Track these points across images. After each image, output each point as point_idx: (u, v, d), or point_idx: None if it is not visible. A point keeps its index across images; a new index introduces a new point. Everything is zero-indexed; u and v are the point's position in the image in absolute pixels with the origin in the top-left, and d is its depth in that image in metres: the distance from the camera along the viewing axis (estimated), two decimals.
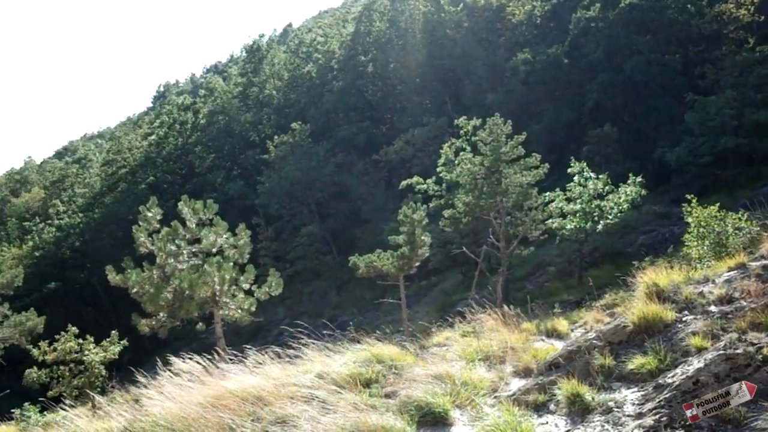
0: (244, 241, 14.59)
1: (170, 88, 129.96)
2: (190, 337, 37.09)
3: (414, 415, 5.52)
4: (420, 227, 19.15)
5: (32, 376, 17.28)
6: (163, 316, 13.98)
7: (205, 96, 72.35)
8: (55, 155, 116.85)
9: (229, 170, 55.73)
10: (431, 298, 31.95)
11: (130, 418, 6.72)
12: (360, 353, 7.28)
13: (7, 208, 78.07)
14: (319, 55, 62.39)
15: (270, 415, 5.69)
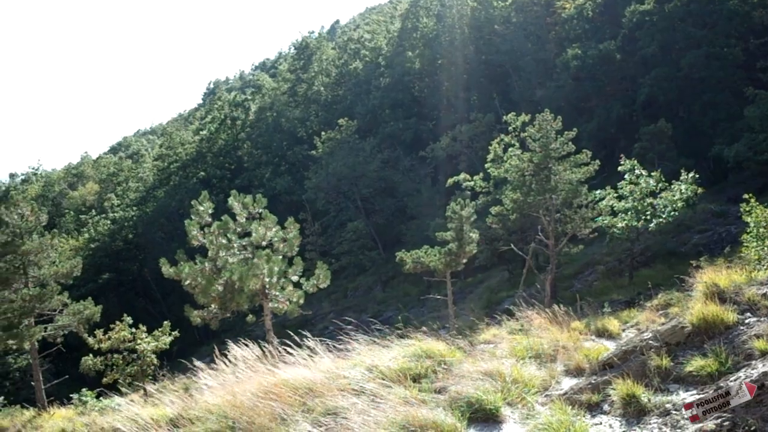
0: (294, 235, 14.75)
1: (220, 84, 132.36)
2: (236, 330, 37.69)
3: (465, 411, 5.49)
4: (468, 224, 19.03)
5: (88, 364, 17.83)
6: (215, 307, 14.26)
7: (254, 93, 73.43)
8: (110, 150, 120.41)
9: (276, 166, 56.44)
10: (476, 295, 31.72)
11: (182, 406, 6.90)
12: (409, 348, 7.28)
13: (65, 201, 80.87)
14: (366, 51, 62.57)
15: (321, 406, 5.74)
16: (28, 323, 17.24)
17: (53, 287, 17.64)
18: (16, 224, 17.19)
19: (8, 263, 17.15)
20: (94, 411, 15.51)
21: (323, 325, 34.94)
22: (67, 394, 19.40)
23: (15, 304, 16.87)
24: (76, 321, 17.93)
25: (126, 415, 6.84)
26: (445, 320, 20.82)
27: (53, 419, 15.29)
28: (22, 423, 15.62)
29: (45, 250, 17.53)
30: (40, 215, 18.11)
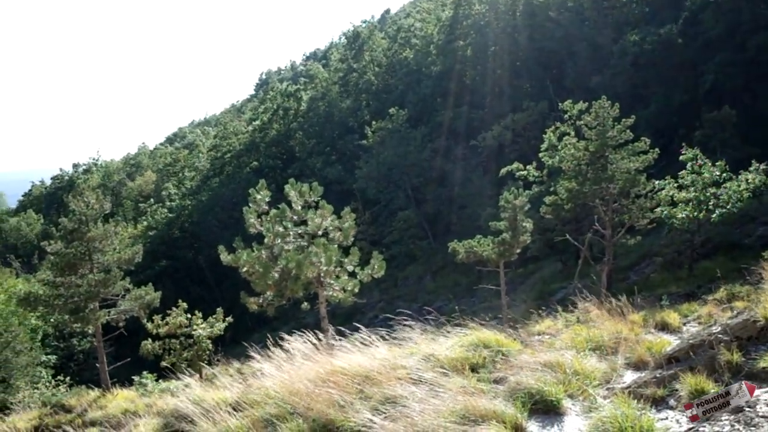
0: (349, 224, 14.83)
1: (272, 75, 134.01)
2: (288, 317, 38.36)
3: (525, 402, 5.41)
4: (522, 213, 18.76)
5: (147, 347, 18.37)
6: (270, 295, 14.49)
7: (306, 83, 74.02)
8: (166, 141, 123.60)
9: (328, 155, 56.87)
10: (528, 286, 31.33)
11: (242, 390, 7.03)
12: (466, 338, 7.22)
13: (124, 190, 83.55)
14: (417, 40, 62.21)
15: (378, 394, 5.75)
16: (93, 307, 17.86)
17: (116, 273, 18.22)
18: (82, 212, 17.80)
19: (75, 249, 17.78)
20: (154, 393, 16.00)
21: (373, 314, 35.15)
22: (128, 376, 20.08)
23: (81, 288, 17.50)
24: (137, 306, 18.47)
25: (188, 398, 7.00)
26: (497, 311, 20.62)
27: (116, 400, 15.83)
28: (88, 402, 16.21)
29: (109, 237, 18.10)
30: (103, 203, 18.69)
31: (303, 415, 5.67)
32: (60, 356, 32.22)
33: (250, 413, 6.12)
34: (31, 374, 24.69)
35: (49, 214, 76.95)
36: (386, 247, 42.20)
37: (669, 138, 32.24)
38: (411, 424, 4.94)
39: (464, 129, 49.48)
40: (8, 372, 23.84)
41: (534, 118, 42.57)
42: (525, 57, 49.40)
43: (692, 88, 36.44)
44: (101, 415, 13.59)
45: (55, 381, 23.67)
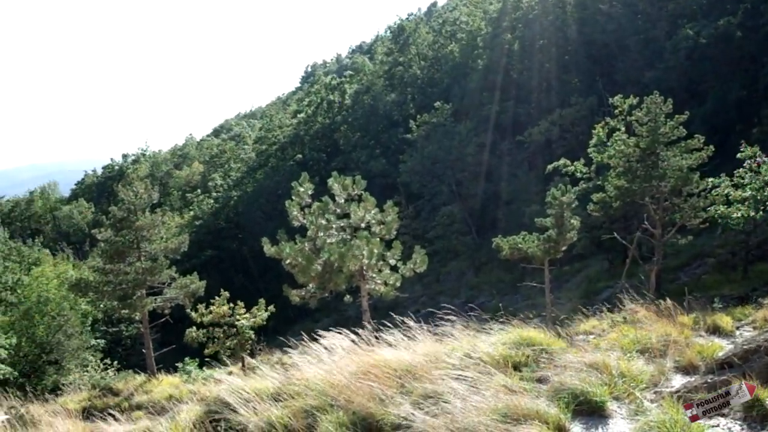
0: (392, 218, 14.80)
1: (317, 68, 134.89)
2: (329, 309, 38.64)
3: (569, 403, 5.28)
4: (569, 210, 18.40)
5: (191, 335, 18.74)
6: (313, 287, 14.58)
7: (351, 76, 74.24)
8: (213, 133, 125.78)
9: (372, 149, 56.95)
10: (574, 284, 30.81)
11: (282, 380, 7.07)
12: (509, 335, 7.10)
13: (172, 180, 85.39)
14: (463, 34, 61.66)
15: (420, 389, 5.71)
16: (140, 294, 18.31)
17: (163, 261, 18.63)
18: (131, 201, 18.25)
19: (124, 237, 18.25)
20: (198, 380, 16.32)
21: (415, 309, 35.03)
22: (172, 362, 20.52)
23: (129, 276, 17.96)
24: (182, 294, 18.84)
25: (230, 387, 7.08)
26: (540, 309, 20.33)
27: (162, 385, 16.21)
28: (135, 387, 16.65)
29: (156, 226, 18.51)
30: (151, 193, 19.12)
31: (343, 408, 5.67)
32: (108, 341, 33.15)
33: (291, 404, 6.14)
34: (82, 357, 25.49)
35: (99, 202, 79.26)
36: (429, 241, 42.04)
37: (725, 135, 31.16)
38: (452, 421, 4.88)
39: (510, 124, 48.85)
40: (60, 354, 24.66)
41: (582, 113, 41.73)
42: (574, 51, 48.40)
43: (751, 83, 35.10)
44: (147, 399, 13.94)
45: (103, 365, 24.37)
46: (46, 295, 25.64)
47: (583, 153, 26.89)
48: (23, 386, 17.28)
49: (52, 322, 24.92)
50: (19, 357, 22.72)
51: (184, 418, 6.65)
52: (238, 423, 6.12)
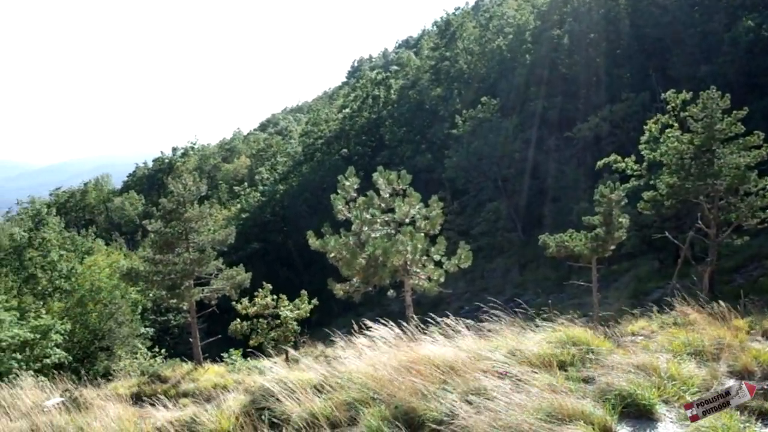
0: (436, 213, 14.72)
1: (364, 63, 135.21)
2: (373, 304, 38.75)
3: (615, 405, 5.16)
4: (618, 208, 17.97)
5: (236, 326, 19.02)
6: (357, 281, 14.63)
7: (397, 71, 74.16)
8: (260, 127, 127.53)
9: (417, 144, 56.82)
10: (622, 284, 30.14)
11: (326, 373, 7.11)
12: (554, 334, 6.99)
13: (219, 174, 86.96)
14: (510, 28, 60.86)
15: (462, 385, 5.67)
16: (188, 285, 18.62)
17: (210, 253, 18.91)
18: (180, 193, 18.57)
19: (173, 229, 18.59)
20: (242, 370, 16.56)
21: (458, 305, 34.89)
22: (217, 352, 20.88)
23: (177, 266, 18.27)
24: (228, 285, 19.08)
25: (274, 377, 7.16)
26: (587, 308, 19.96)
27: (207, 374, 16.49)
28: (182, 374, 16.98)
29: (204, 218, 18.79)
30: (200, 186, 19.40)
31: (385, 402, 5.68)
32: (157, 330, 33.91)
33: (334, 396, 6.19)
34: (131, 345, 26.18)
35: (150, 194, 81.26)
36: (474, 238, 41.73)
37: None
38: (495, 418, 4.83)
39: (558, 119, 48.01)
40: (111, 341, 25.40)
41: (634, 109, 40.71)
42: (626, 44, 47.21)
43: None
44: (193, 387, 14.21)
45: (151, 352, 24.97)
46: (98, 283, 26.42)
47: (633, 150, 26.28)
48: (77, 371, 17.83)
49: (104, 309, 25.65)
50: (73, 343, 23.47)
51: (230, 406, 6.77)
52: (282, 413, 6.19)
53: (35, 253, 29.21)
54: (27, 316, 20.75)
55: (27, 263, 28.68)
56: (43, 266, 28.82)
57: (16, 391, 8.95)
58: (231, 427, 6.25)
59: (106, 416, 7.23)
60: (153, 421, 7.17)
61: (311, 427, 5.75)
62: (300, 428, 5.77)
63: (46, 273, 28.59)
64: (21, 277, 27.66)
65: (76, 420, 7.22)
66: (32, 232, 30.67)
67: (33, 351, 19.17)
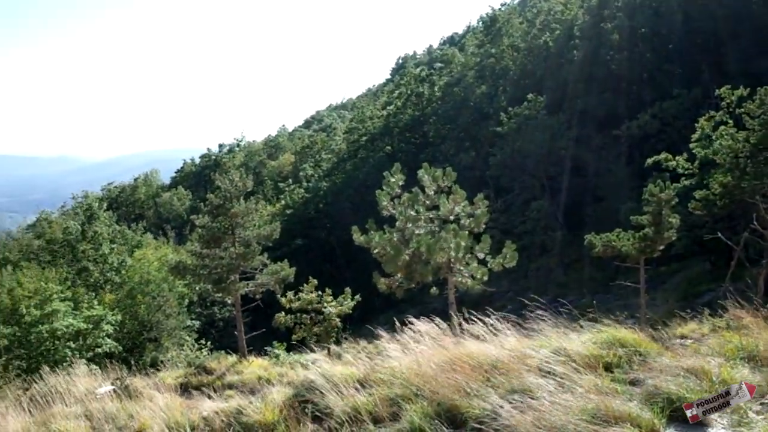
0: (481, 211, 14.64)
1: (408, 60, 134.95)
2: (415, 301, 38.72)
3: (664, 408, 5.03)
4: (668, 208, 17.53)
5: (280, 320, 19.29)
6: (400, 277, 14.68)
7: (441, 68, 73.85)
8: (304, 124, 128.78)
9: (461, 141, 56.51)
10: (671, 286, 29.41)
11: (369, 368, 7.15)
12: (600, 334, 6.86)
13: (264, 170, 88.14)
14: (557, 24, 59.88)
15: (506, 384, 5.63)
16: (234, 279, 18.98)
17: (255, 248, 19.21)
18: (227, 189, 18.94)
19: (220, 224, 18.98)
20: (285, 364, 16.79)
21: (501, 304, 34.55)
22: (261, 345, 21.21)
23: (224, 261, 18.64)
24: (273, 280, 19.36)
25: (318, 371, 7.24)
26: (634, 309, 19.52)
27: (252, 367, 16.78)
28: (227, 367, 17.31)
29: (250, 213, 19.12)
30: (246, 182, 19.75)
31: (428, 398, 5.67)
32: (203, 322, 34.65)
33: (377, 391, 6.21)
34: (178, 336, 26.81)
35: (197, 190, 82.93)
36: (517, 236, 41.21)
37: None
38: (539, 418, 4.78)
39: (606, 117, 46.98)
40: (159, 333, 26.06)
41: (686, 106, 39.58)
42: (678, 39, 45.86)
43: None
44: (238, 379, 14.48)
45: (197, 344, 25.52)
46: (147, 276, 27.14)
47: (684, 148, 25.54)
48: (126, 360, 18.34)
49: (153, 302, 26.33)
50: (123, 333, 24.15)
51: (274, 399, 6.87)
52: (325, 406, 6.25)
53: (88, 246, 30.17)
54: (80, 307, 21.45)
55: (80, 256, 29.66)
56: (95, 259, 29.76)
57: (71, 378, 9.27)
58: (275, 419, 6.34)
59: (154, 405, 7.43)
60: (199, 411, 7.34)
61: (354, 421, 5.79)
62: (343, 422, 5.81)
63: (98, 266, 29.51)
64: (74, 269, 28.61)
65: (126, 407, 7.45)
66: (85, 226, 31.69)
67: (86, 340, 19.82)
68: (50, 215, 45.91)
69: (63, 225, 33.95)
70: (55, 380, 9.13)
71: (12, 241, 38.36)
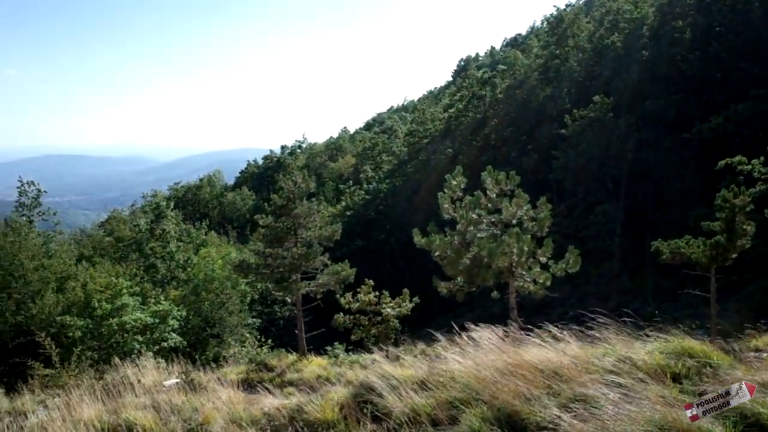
0: (544, 215, 14.38)
1: (470, 62, 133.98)
2: (474, 305, 38.37)
3: (737, 423, 4.83)
4: (742, 214, 16.76)
5: (339, 320, 19.46)
6: (461, 280, 14.58)
7: (504, 70, 73.02)
8: (365, 126, 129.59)
9: (523, 144, 55.74)
10: (744, 296, 28.12)
11: (428, 371, 7.14)
12: (668, 344, 6.64)
13: (326, 171, 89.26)
14: (626, 24, 58.20)
15: (567, 392, 5.52)
16: (295, 278, 19.26)
17: (317, 248, 19.46)
18: (290, 189, 19.25)
19: (283, 224, 19.31)
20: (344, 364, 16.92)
21: (562, 310, 33.88)
22: (320, 345, 21.45)
23: (286, 260, 18.94)
24: (333, 280, 19.55)
25: (377, 372, 7.28)
26: (704, 320, 18.79)
27: (311, 366, 17.00)
28: (287, 365, 17.58)
29: (312, 214, 19.36)
30: (309, 183, 20.05)
31: (488, 403, 5.63)
32: (263, 321, 35.28)
33: (436, 394, 6.20)
34: (240, 333, 27.39)
35: (260, 190, 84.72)
36: (581, 241, 40.30)
37: None
38: (602, 427, 4.68)
39: (675, 119, 45.38)
40: (222, 329, 26.69)
41: (763, 107, 37.83)
42: (756, 37, 43.79)
43: None
44: (297, 377, 14.68)
45: (258, 342, 26.01)
46: (211, 274, 27.86)
47: (761, 151, 24.36)
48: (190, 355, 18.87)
49: (216, 299, 26.99)
50: (187, 328, 24.82)
51: (334, 398, 6.94)
52: (384, 407, 6.28)
53: (156, 243, 31.26)
54: (148, 302, 22.21)
55: (148, 253, 30.75)
56: (162, 256, 30.79)
57: (139, 370, 9.64)
58: (335, 418, 6.42)
59: (218, 399, 7.64)
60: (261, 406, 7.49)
61: (413, 423, 5.80)
62: (402, 423, 5.83)
63: (165, 263, 30.53)
64: (143, 266, 29.67)
65: (191, 400, 7.68)
66: (153, 224, 32.83)
67: (152, 334, 20.48)
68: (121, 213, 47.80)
69: (132, 223, 35.26)
70: (125, 371, 9.51)
71: (86, 237, 40.08)
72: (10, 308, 22.70)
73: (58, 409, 7.81)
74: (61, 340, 17.73)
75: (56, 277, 24.42)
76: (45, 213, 30.48)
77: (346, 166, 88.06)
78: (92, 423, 7.09)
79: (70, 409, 7.57)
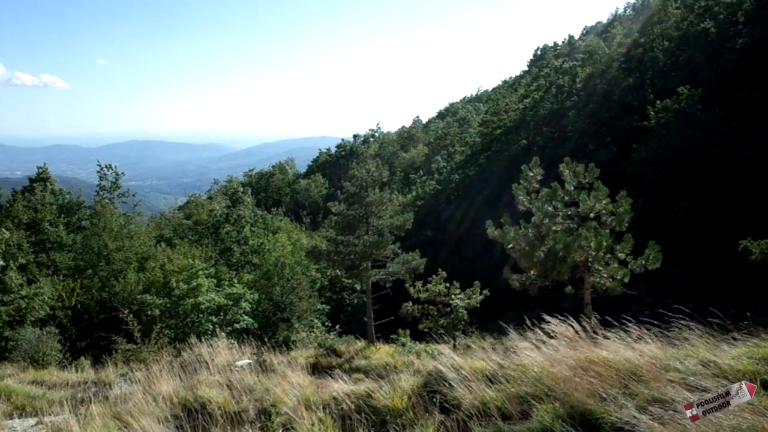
0: (624, 209, 13.84)
1: (547, 51, 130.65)
2: (544, 299, 37.52)
3: None
4: None
5: (408, 309, 19.46)
6: (534, 274, 14.26)
7: (584, 60, 70.88)
8: (438, 116, 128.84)
9: (602, 136, 54.02)
10: None
11: (498, 363, 7.01)
12: (757, 349, 6.26)
13: (397, 161, 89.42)
14: (720, 8, 55.13)
15: (645, 393, 5.29)
16: (366, 266, 19.44)
17: (388, 237, 19.55)
18: (363, 178, 19.40)
19: (355, 212, 19.50)
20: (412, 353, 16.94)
21: (638, 309, 32.73)
22: (387, 333, 21.55)
23: (357, 248, 19.13)
24: (403, 269, 19.60)
25: (447, 362, 7.21)
26: None
27: (379, 353, 17.13)
28: (355, 351, 17.79)
29: (384, 203, 19.45)
30: (382, 172, 20.14)
31: (560, 400, 5.48)
32: (332, 307, 35.81)
33: (506, 388, 6.09)
34: (309, 318, 27.91)
35: (332, 178, 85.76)
36: (660, 238, 38.71)
37: None
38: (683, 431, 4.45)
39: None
40: (291, 313, 27.27)
41: None
42: None
43: None
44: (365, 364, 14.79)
45: (326, 327, 26.41)
46: (283, 259, 28.48)
47: None
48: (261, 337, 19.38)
49: (287, 284, 27.59)
50: (259, 311, 25.52)
51: (403, 386, 6.93)
52: (453, 398, 6.22)
53: (231, 228, 32.20)
54: (222, 284, 22.95)
55: (224, 237, 31.73)
56: (237, 240, 31.71)
57: (213, 350, 9.94)
58: (404, 406, 6.39)
59: (287, 381, 7.77)
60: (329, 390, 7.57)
61: (482, 415, 5.71)
62: (471, 415, 5.75)
63: (240, 247, 31.42)
64: (218, 249, 30.64)
65: (263, 381, 7.85)
66: (229, 209, 33.82)
67: (226, 315, 21.18)
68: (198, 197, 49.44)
69: (209, 207, 36.43)
70: (201, 350, 9.82)
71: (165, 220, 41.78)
72: (96, 285, 24.00)
73: (139, 382, 8.17)
74: (141, 317, 18.58)
75: (137, 258, 25.60)
76: (125, 194, 32.03)
77: (418, 156, 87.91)
78: (170, 398, 7.37)
79: (149, 383, 7.90)
